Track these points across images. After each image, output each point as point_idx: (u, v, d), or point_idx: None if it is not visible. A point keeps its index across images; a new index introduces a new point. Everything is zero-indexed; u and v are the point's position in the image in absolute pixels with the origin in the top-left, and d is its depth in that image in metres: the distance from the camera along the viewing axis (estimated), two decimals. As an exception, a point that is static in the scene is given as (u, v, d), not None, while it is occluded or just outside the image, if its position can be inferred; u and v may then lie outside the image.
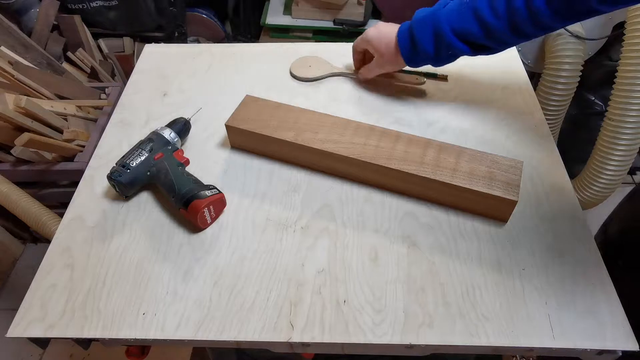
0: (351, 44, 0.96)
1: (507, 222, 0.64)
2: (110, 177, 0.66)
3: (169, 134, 0.71)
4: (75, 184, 0.73)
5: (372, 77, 0.84)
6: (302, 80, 0.87)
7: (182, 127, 0.74)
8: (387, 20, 2.13)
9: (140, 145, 0.69)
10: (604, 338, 0.53)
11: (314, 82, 0.88)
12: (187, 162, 0.70)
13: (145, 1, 1.73)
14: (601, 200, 1.39)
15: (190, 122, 0.76)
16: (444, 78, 0.87)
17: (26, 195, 1.10)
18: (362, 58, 0.86)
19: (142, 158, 0.67)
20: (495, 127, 0.78)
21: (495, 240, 0.62)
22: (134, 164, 0.66)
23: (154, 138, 0.70)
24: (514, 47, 0.95)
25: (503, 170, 0.63)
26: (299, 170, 0.72)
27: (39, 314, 0.57)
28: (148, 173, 0.67)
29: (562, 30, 1.39)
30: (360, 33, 0.80)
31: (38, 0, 1.60)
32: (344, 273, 0.60)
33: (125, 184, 0.65)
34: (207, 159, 0.75)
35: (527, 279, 0.58)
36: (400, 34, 0.74)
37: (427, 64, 0.75)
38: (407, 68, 0.79)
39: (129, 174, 0.65)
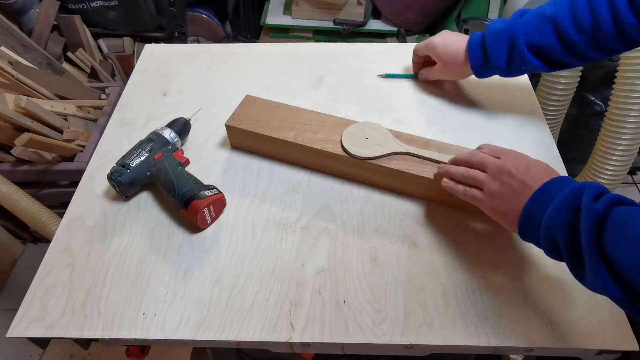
0: (351, 44, 0.97)
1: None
2: (110, 177, 0.66)
3: (169, 134, 0.71)
4: (75, 184, 0.73)
5: (433, 79, 0.83)
6: (356, 157, 0.67)
7: (182, 127, 0.74)
8: (386, 19, 2.13)
9: (140, 145, 0.69)
10: (604, 338, 0.53)
11: (313, 82, 0.88)
12: (187, 162, 0.70)
13: (145, 1, 1.73)
14: (601, 200, 1.38)
15: (190, 122, 0.76)
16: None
17: (26, 195, 1.10)
18: (422, 62, 0.84)
19: (142, 158, 0.67)
20: (495, 127, 0.78)
21: (495, 240, 0.62)
22: (134, 164, 0.66)
23: (154, 138, 0.70)
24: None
25: (503, 170, 0.63)
26: (299, 170, 0.72)
27: (39, 314, 0.57)
28: (148, 173, 0.67)
29: (562, 30, 1.39)
30: (359, 33, 0.79)
31: (38, 0, 1.60)
32: (344, 273, 0.60)
33: (125, 184, 0.65)
34: (207, 159, 0.74)
35: (527, 279, 0.58)
36: (471, 46, 0.72)
37: (496, 74, 0.73)
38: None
39: (129, 174, 0.65)
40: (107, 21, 1.75)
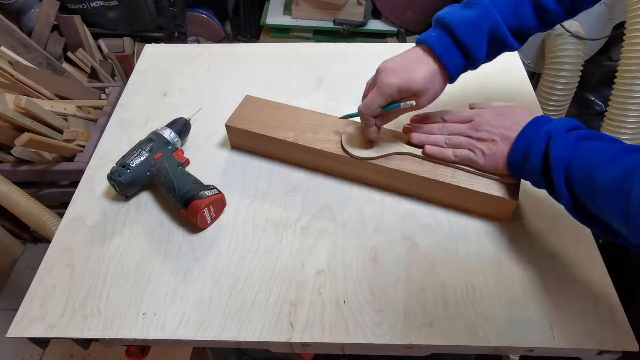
0: (351, 44, 0.97)
1: (507, 222, 0.64)
2: (110, 177, 0.66)
3: (169, 134, 0.71)
4: (75, 184, 0.73)
5: (374, 110, 0.61)
6: (356, 157, 0.66)
7: (182, 127, 0.74)
8: (386, 19, 2.13)
9: (140, 145, 0.69)
10: (604, 338, 0.53)
11: (313, 82, 0.88)
12: (187, 162, 0.70)
13: (145, 1, 1.73)
14: (601, 200, 1.38)
15: (190, 122, 0.76)
16: None
17: (26, 195, 1.10)
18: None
19: (142, 158, 0.67)
20: (495, 127, 0.78)
21: (495, 240, 0.62)
22: (134, 164, 0.66)
23: (154, 138, 0.70)
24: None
25: (503, 170, 0.63)
26: (299, 170, 0.72)
27: (39, 314, 0.57)
28: (148, 173, 0.67)
29: (562, 30, 1.39)
30: (359, 33, 0.77)
31: (38, 0, 1.60)
32: (344, 273, 0.60)
33: (125, 184, 0.65)
34: (207, 159, 0.74)
35: (527, 279, 0.58)
36: (443, 51, 0.59)
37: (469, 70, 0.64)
38: None
39: (129, 174, 0.65)
40: (107, 21, 1.75)
